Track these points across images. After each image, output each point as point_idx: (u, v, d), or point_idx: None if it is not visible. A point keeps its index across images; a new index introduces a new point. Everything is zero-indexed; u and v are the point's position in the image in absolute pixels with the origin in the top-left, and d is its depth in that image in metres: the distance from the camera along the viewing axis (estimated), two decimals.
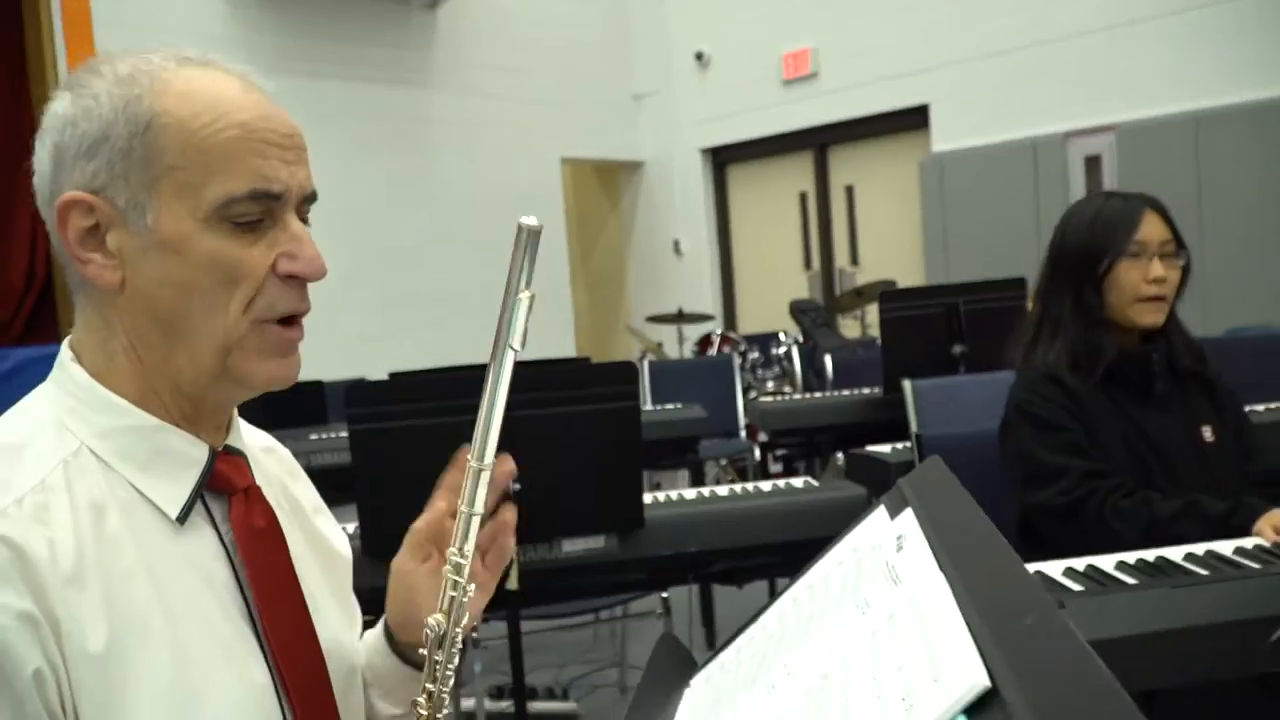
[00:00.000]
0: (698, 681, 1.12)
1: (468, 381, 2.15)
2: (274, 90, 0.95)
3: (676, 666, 1.19)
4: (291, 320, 0.93)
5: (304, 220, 0.94)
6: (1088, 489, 1.87)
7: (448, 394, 2.01)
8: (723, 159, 9.32)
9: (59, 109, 0.86)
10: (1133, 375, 2.00)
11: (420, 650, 0.97)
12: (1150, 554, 1.46)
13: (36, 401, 0.91)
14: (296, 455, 1.14)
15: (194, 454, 0.92)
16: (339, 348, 7.01)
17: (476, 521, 0.94)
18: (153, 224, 0.85)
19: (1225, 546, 1.47)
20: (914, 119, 7.69)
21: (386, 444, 1.99)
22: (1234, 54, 6.09)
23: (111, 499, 0.87)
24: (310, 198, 0.94)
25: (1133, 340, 2.04)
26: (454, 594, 0.94)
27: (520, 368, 1.05)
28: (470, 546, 0.94)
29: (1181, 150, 6.18)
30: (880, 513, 1.08)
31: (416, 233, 7.63)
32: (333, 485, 1.41)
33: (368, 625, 1.16)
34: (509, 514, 1.01)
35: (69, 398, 0.89)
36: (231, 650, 0.90)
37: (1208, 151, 6.09)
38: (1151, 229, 2.02)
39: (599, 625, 3.67)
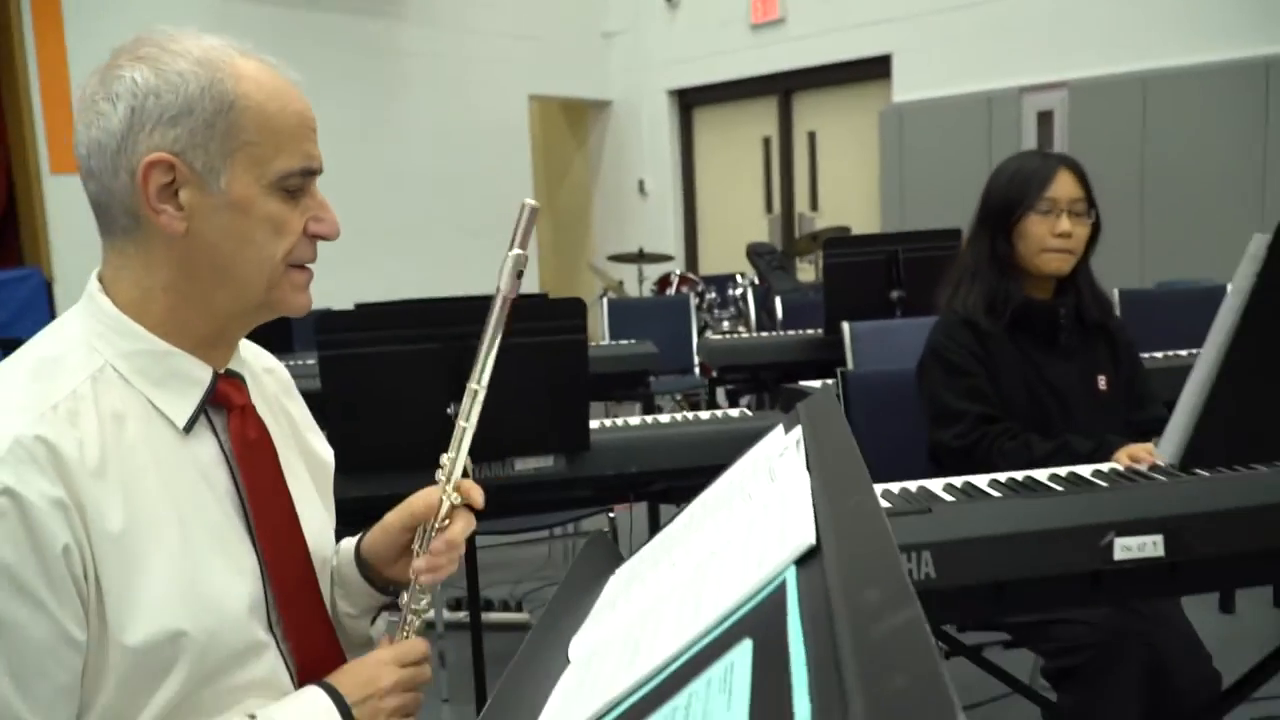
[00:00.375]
0: (622, 570, 1.33)
1: (429, 313, 2.32)
2: (251, 19, 1.15)
3: (605, 561, 1.40)
4: (304, 266, 1.13)
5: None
6: (980, 433, 2.06)
7: (411, 324, 2.17)
8: (689, 101, 9.41)
9: (138, 78, 1.00)
10: (1040, 324, 2.16)
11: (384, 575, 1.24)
12: (1020, 474, 1.68)
13: (69, 323, 1.07)
14: None
15: (200, 375, 1.09)
16: None
17: (469, 433, 1.18)
18: (225, 186, 1.02)
19: (1085, 470, 1.69)
20: (877, 68, 7.83)
21: (354, 370, 2.14)
22: (1183, 18, 6.28)
23: (130, 410, 1.03)
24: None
25: (1045, 291, 2.20)
26: (443, 495, 1.18)
27: (480, 301, 1.28)
28: (463, 455, 1.17)
29: (1130, 109, 6.38)
30: (779, 430, 1.29)
31: (382, 164, 7.68)
32: None
33: (339, 535, 1.36)
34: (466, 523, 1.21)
35: (97, 323, 1.05)
36: (226, 540, 1.09)
37: (1154, 111, 6.30)
38: (1063, 187, 2.14)
39: (552, 543, 3.89)
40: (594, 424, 2.40)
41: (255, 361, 1.25)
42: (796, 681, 0.61)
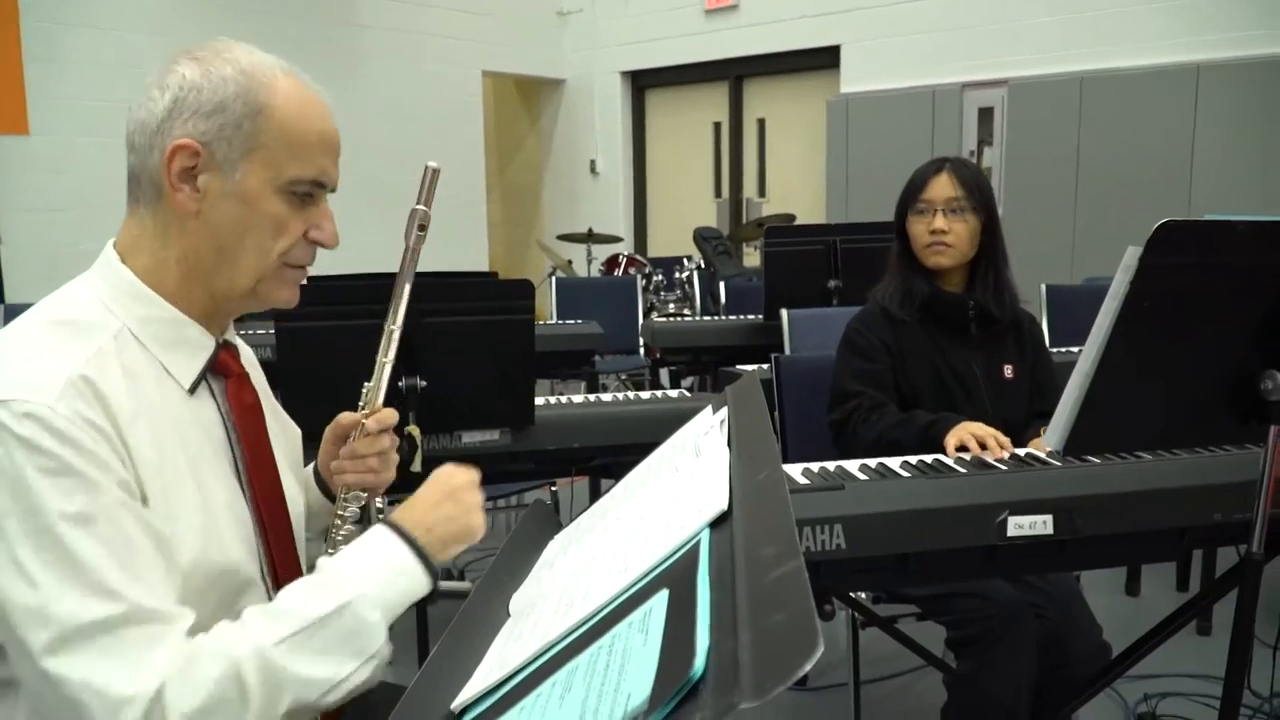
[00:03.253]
0: (560, 535, 1.45)
1: (380, 288, 2.40)
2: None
3: (544, 526, 1.52)
4: (300, 265, 1.25)
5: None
6: (853, 408, 2.25)
7: (362, 299, 2.26)
8: (642, 83, 9.49)
9: (186, 73, 1.15)
10: (950, 316, 2.34)
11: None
12: (930, 458, 1.83)
13: (82, 287, 1.18)
14: None
15: (205, 342, 1.22)
16: None
17: (388, 368, 1.41)
18: (239, 179, 1.15)
19: (989, 455, 1.84)
20: (826, 58, 7.97)
21: (309, 341, 2.23)
22: (1119, 23, 6.51)
23: (144, 368, 1.14)
24: (335, 188, 1.28)
25: (958, 284, 2.37)
26: (361, 417, 1.41)
27: (431, 278, 1.42)
28: (382, 385, 1.41)
29: (1066, 108, 6.58)
30: (708, 410, 1.42)
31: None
32: None
33: None
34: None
35: (113, 288, 1.16)
36: (227, 491, 1.20)
37: (1090, 110, 6.50)
38: (937, 189, 2.32)
39: (495, 514, 3.99)
40: (539, 400, 2.51)
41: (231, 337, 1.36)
42: (700, 620, 0.74)
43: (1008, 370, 2.34)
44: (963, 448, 1.91)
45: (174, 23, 6.67)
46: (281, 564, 1.26)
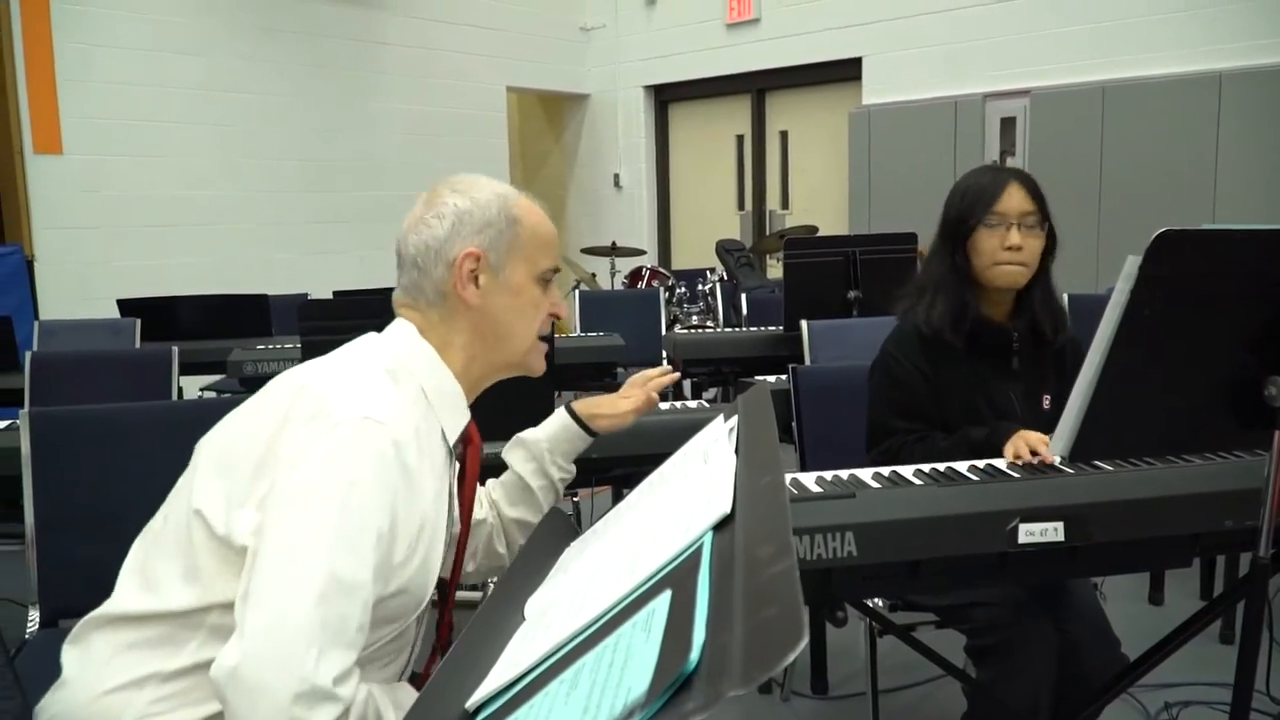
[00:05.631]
0: (576, 542, 1.49)
1: None
2: (237, 3, 1.45)
3: (560, 533, 1.56)
4: (545, 337, 1.57)
5: None
6: (899, 445, 2.16)
7: (387, 312, 2.32)
8: (665, 97, 9.55)
9: (457, 203, 1.47)
10: (993, 345, 2.23)
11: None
12: (942, 466, 1.84)
13: (365, 349, 1.45)
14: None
15: (466, 410, 1.51)
16: (281, 263, 7.21)
17: None
18: (508, 275, 1.48)
19: (1000, 463, 1.85)
20: (848, 70, 8.00)
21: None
22: (1141, 32, 6.50)
23: (425, 424, 1.39)
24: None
25: (1002, 308, 2.25)
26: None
27: None
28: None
29: (1089, 117, 6.57)
30: (720, 419, 1.46)
31: (361, 152, 7.79)
32: None
33: None
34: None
35: (406, 356, 1.44)
36: (444, 534, 1.44)
37: (1112, 120, 6.50)
38: (1012, 201, 2.16)
39: None
40: None
41: None
42: (698, 616, 0.77)
43: (1045, 401, 2.24)
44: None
45: (203, 44, 6.80)
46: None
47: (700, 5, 8.84)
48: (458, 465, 1.55)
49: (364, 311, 2.37)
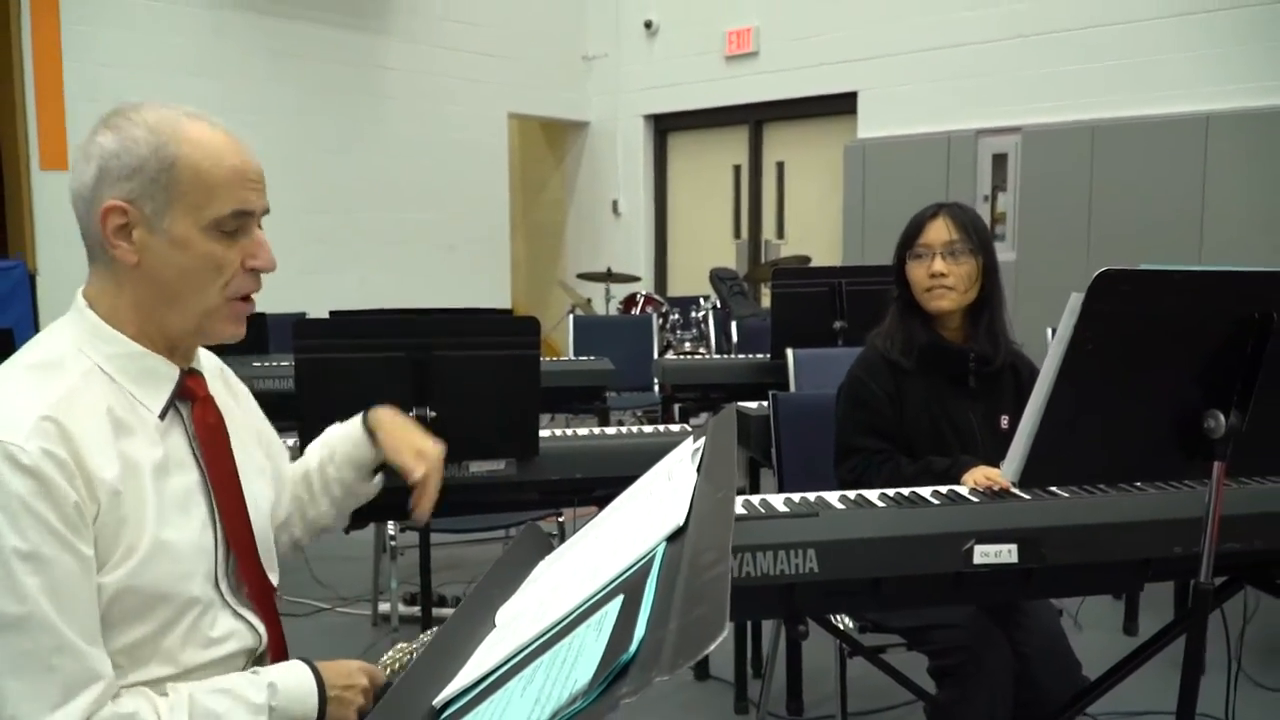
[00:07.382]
0: (551, 555, 1.56)
1: (396, 323, 2.53)
2: (243, 28, 1.41)
3: (535, 548, 1.63)
4: (247, 297, 1.36)
5: (259, 226, 1.37)
6: (864, 467, 2.29)
7: (379, 333, 2.39)
8: (664, 126, 9.67)
9: (104, 142, 1.26)
10: (949, 366, 2.36)
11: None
12: (906, 490, 1.91)
13: (58, 332, 1.31)
14: (242, 380, 1.63)
15: (169, 372, 1.34)
16: (281, 282, 7.28)
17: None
18: (167, 228, 1.26)
19: (961, 489, 1.92)
20: (844, 104, 8.12)
21: (326, 373, 2.33)
22: (1130, 73, 6.63)
23: (115, 401, 1.26)
24: (265, 211, 1.37)
25: (956, 330, 2.39)
26: None
27: (444, 314, 1.53)
28: None
29: (1079, 155, 6.69)
30: (689, 440, 1.53)
31: (363, 174, 7.88)
32: (273, 409, 1.71)
33: None
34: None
35: (83, 332, 1.29)
36: (190, 504, 1.32)
37: (1102, 158, 6.61)
38: (934, 233, 2.36)
39: (505, 543, 4.10)
40: (544, 433, 2.61)
41: (210, 363, 1.49)
42: (641, 616, 0.84)
43: (1004, 421, 2.34)
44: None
45: (208, 64, 6.91)
46: (248, 577, 1.39)
47: (700, 38, 8.98)
48: (191, 427, 1.35)
49: (358, 331, 2.44)
